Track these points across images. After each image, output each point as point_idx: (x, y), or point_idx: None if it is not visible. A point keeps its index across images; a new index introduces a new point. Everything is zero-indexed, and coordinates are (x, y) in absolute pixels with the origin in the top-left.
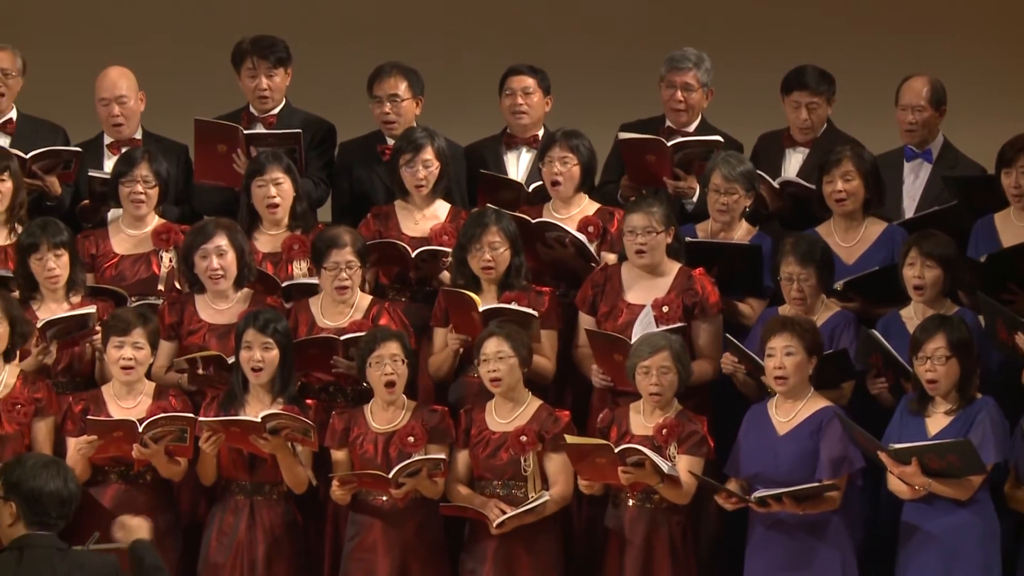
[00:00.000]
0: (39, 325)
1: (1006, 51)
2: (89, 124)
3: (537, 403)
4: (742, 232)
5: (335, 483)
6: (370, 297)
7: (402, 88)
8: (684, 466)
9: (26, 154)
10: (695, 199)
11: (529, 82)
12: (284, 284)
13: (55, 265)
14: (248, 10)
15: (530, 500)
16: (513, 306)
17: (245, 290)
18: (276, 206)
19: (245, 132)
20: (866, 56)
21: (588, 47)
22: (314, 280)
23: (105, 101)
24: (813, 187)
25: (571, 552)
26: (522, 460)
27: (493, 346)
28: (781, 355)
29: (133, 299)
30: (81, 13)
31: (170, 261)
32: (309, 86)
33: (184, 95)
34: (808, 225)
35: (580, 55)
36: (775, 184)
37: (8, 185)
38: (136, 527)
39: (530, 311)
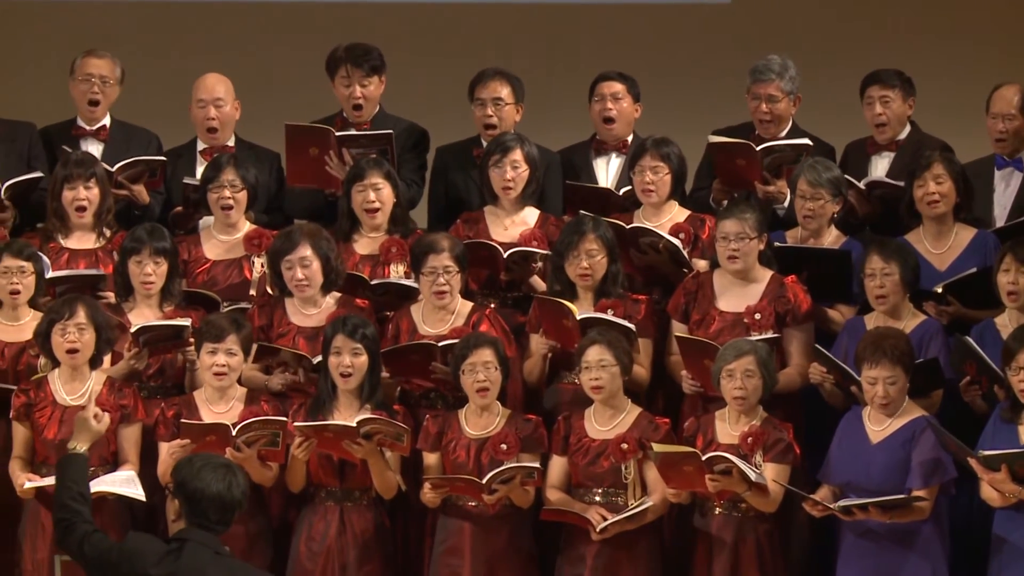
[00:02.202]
0: (133, 330)
1: None
2: (183, 132)
3: (637, 411)
4: (831, 239)
5: (427, 486)
6: (471, 304)
7: (504, 93)
8: (770, 474)
9: (117, 161)
10: (786, 204)
11: (619, 87)
12: (375, 282)
13: (152, 271)
14: (342, 18)
15: (633, 506)
16: (610, 316)
17: (335, 294)
18: (376, 211)
19: (337, 134)
20: (953, 65)
21: (677, 54)
22: (409, 282)
23: (202, 103)
24: (901, 184)
25: (661, 561)
26: (623, 468)
27: (596, 354)
28: (884, 385)
29: (225, 304)
30: (176, 22)
31: (261, 266)
32: (403, 95)
33: (278, 105)
34: (898, 233)
35: (669, 61)
36: (861, 186)
37: (95, 192)
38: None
39: (628, 324)
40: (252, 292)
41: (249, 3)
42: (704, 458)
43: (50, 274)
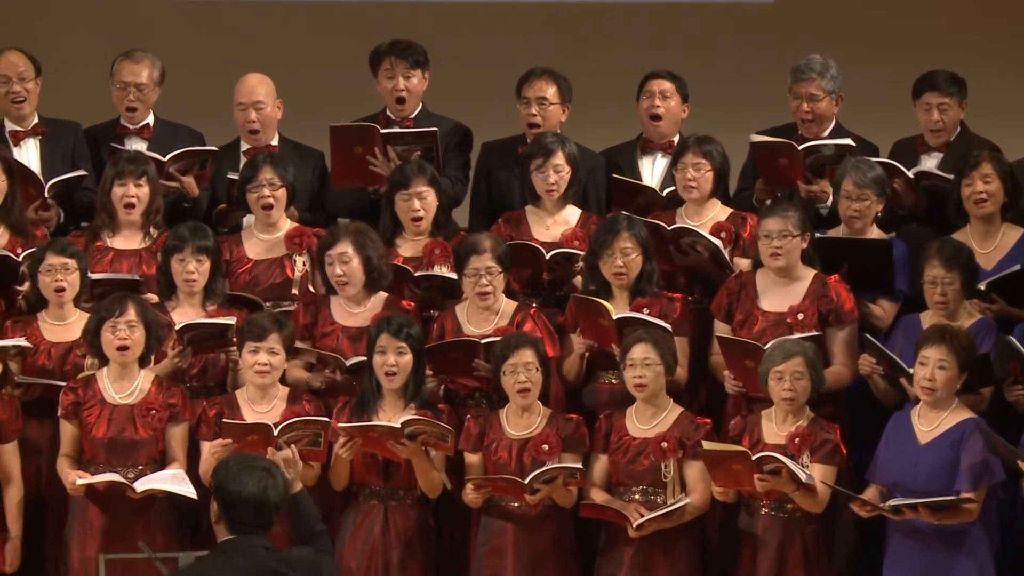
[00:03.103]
0: (177, 328)
1: None
2: (228, 130)
3: (679, 410)
4: (874, 237)
5: (469, 486)
6: (515, 303)
7: (551, 92)
8: (817, 474)
9: (163, 158)
10: (828, 203)
11: (668, 86)
12: (418, 274)
13: (194, 270)
14: (386, 18)
15: (670, 503)
16: (645, 316)
17: (380, 294)
18: (420, 219)
19: (382, 132)
20: (1000, 65)
21: (720, 53)
22: (452, 275)
23: (242, 106)
24: (951, 177)
25: (705, 560)
26: (662, 467)
27: (640, 352)
28: (934, 367)
29: (268, 305)
30: (220, 19)
31: (303, 265)
32: (447, 94)
33: (322, 103)
34: (943, 232)
35: (712, 61)
36: (910, 175)
37: (145, 190)
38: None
39: (663, 323)
40: (294, 291)
41: (294, 2)
42: (754, 457)
43: (89, 276)
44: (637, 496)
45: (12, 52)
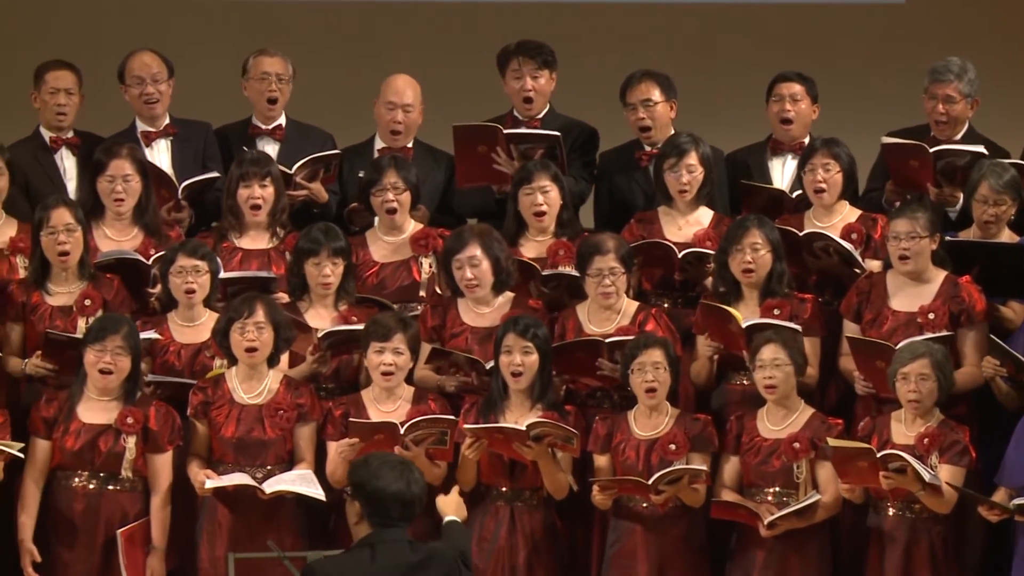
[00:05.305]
0: (319, 336)
1: None
2: (356, 132)
3: (810, 411)
4: (1004, 239)
5: (595, 488)
6: (637, 303)
7: (655, 93)
8: (945, 476)
9: (293, 160)
10: (958, 208)
11: (797, 88)
12: (546, 272)
13: (330, 272)
14: (511, 23)
15: (802, 500)
16: (774, 320)
17: (507, 293)
18: (543, 214)
19: (505, 132)
20: None
21: (850, 54)
22: (575, 272)
23: (391, 105)
24: None
25: (834, 559)
26: (794, 467)
27: (770, 352)
28: None
29: (396, 307)
30: (346, 22)
31: (430, 267)
32: (572, 95)
33: (450, 105)
34: None
35: (841, 61)
36: None
37: (270, 191)
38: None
39: (793, 325)
40: (421, 293)
41: (417, 3)
42: (879, 455)
43: (221, 275)
44: (769, 497)
45: (145, 53)
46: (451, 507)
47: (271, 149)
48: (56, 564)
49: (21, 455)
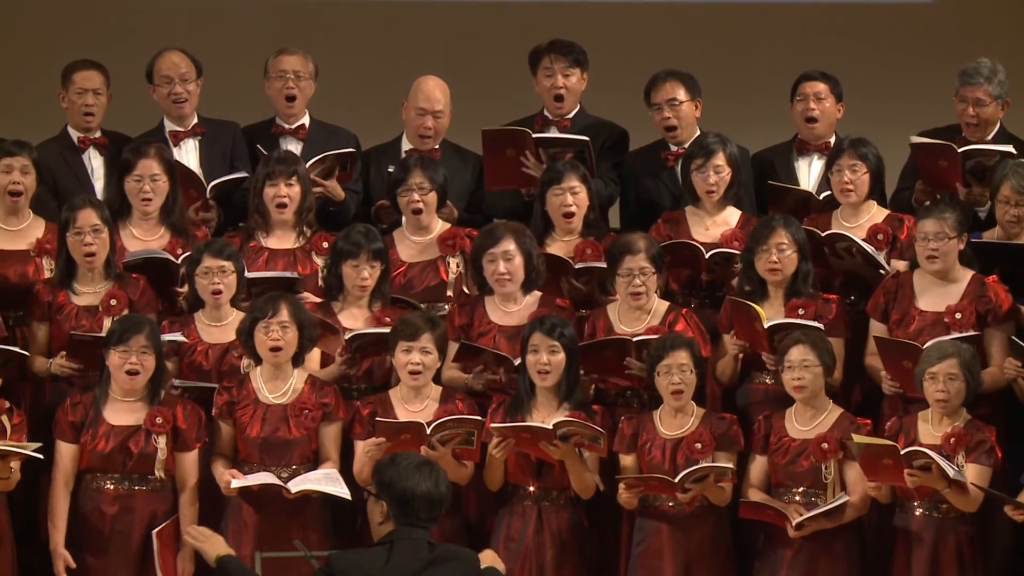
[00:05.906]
0: (347, 338)
1: None
2: (382, 132)
3: (838, 411)
4: None
5: (621, 487)
6: (667, 303)
7: (680, 93)
8: (970, 475)
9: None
10: (987, 207)
11: (822, 87)
12: (579, 265)
13: (368, 275)
14: (539, 23)
15: (830, 501)
16: (798, 320)
17: (535, 293)
18: (572, 215)
19: (534, 136)
20: None
21: (877, 53)
22: (602, 264)
23: (422, 111)
24: None
25: (861, 558)
26: (823, 468)
27: (798, 353)
28: None
29: (424, 307)
30: (373, 21)
31: (457, 267)
32: (603, 96)
33: (479, 105)
34: None
35: (869, 61)
36: None
37: (296, 190)
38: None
39: (817, 325)
40: (449, 293)
41: (446, 2)
42: (903, 452)
43: (246, 275)
44: (798, 497)
45: (174, 52)
46: (488, 558)
47: (295, 148)
48: (88, 568)
49: (39, 456)
